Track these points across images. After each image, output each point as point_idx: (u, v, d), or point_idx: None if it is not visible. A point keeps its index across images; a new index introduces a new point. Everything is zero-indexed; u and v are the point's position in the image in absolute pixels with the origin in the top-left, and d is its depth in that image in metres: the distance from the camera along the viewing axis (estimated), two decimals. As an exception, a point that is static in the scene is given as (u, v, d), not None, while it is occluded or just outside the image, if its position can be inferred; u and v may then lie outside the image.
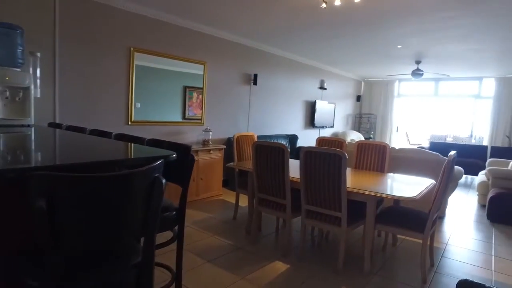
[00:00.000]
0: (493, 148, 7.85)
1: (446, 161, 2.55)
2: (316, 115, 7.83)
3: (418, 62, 6.96)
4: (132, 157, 1.61)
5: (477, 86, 8.83)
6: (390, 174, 3.38)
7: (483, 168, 7.03)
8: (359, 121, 10.36)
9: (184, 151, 1.74)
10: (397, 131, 10.16)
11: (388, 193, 2.49)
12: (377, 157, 3.53)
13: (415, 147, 9.96)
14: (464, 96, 9.23)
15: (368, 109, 10.36)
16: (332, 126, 8.66)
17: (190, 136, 5.00)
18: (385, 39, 5.28)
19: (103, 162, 1.27)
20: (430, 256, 2.91)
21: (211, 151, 4.80)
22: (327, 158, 2.52)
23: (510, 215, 4.30)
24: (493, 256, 3.29)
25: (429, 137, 10.41)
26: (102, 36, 3.86)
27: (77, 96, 3.71)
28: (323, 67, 8.19)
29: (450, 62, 6.85)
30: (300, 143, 7.03)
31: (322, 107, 8.06)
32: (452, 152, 2.62)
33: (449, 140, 10.08)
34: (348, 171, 3.44)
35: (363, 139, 9.45)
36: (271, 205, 3.08)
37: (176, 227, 1.82)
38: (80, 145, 1.85)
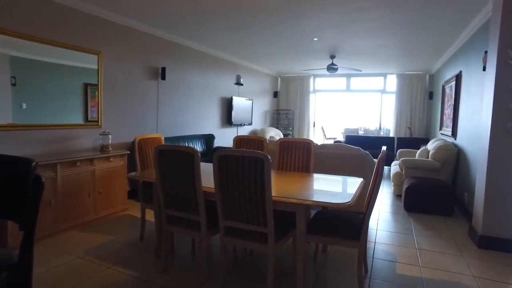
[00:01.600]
0: (399, 139, 8.36)
1: (379, 158, 2.29)
2: (234, 113, 7.40)
3: (332, 57, 7.00)
4: None
5: (382, 82, 9.38)
6: (317, 175, 3.07)
7: (393, 158, 7.40)
8: (277, 117, 10.27)
9: (23, 169, 1.08)
10: (314, 126, 10.32)
11: (321, 200, 2.12)
12: (302, 156, 3.20)
13: (332, 141, 10.25)
14: (372, 91, 9.75)
15: (285, 105, 10.32)
16: (250, 124, 8.34)
17: (87, 141, 4.12)
18: (301, 31, 5.06)
19: None
20: (364, 263, 2.65)
21: (111, 159, 3.99)
22: (247, 163, 2.04)
23: (424, 203, 4.40)
24: (417, 250, 3.22)
25: (343, 130, 10.81)
26: None
27: None
28: (239, 62, 7.81)
29: (362, 57, 7.03)
30: (217, 143, 6.52)
31: (240, 104, 7.68)
32: (384, 148, 2.37)
33: (361, 133, 10.59)
34: (272, 175, 3.05)
35: (282, 136, 9.35)
36: (182, 223, 2.50)
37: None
38: None
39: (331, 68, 6.95)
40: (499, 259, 3.07)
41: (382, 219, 4.19)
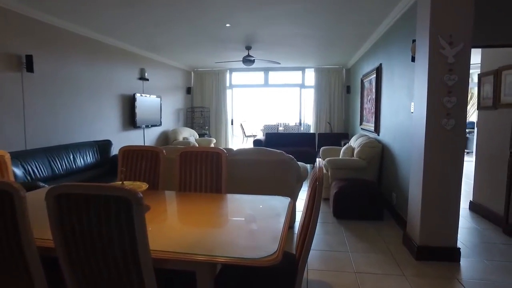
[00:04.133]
0: (319, 134, 8.13)
1: (313, 178, 1.61)
2: (138, 112, 6.29)
3: (248, 48, 6.34)
4: None
5: (301, 76, 9.08)
6: (231, 196, 2.31)
7: (315, 156, 7.08)
8: (192, 116, 9.33)
9: None
10: (232, 124, 9.63)
11: (233, 255, 1.34)
12: (210, 171, 2.41)
13: (252, 138, 9.69)
14: (291, 86, 9.41)
15: (200, 102, 9.43)
16: (159, 124, 7.29)
17: None
18: (210, 14, 4.26)
19: None
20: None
21: None
22: (103, 207, 1.18)
23: (354, 209, 3.99)
24: (356, 274, 2.69)
25: (263, 127, 10.35)
26: None
27: None
28: (143, 54, 6.69)
29: (280, 49, 6.50)
30: (116, 150, 5.39)
31: (145, 102, 6.58)
32: (318, 162, 1.70)
33: (280, 129, 10.24)
34: (170, 199, 2.20)
35: (197, 136, 8.47)
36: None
37: None
38: None
39: (247, 60, 6.28)
40: (439, 272, 2.70)
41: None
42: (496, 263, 2.90)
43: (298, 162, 3.92)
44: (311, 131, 8.94)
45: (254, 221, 1.80)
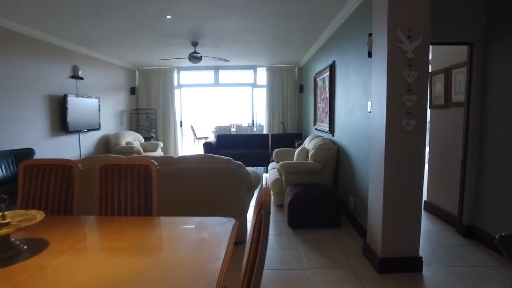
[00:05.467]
0: (273, 136, 7.85)
1: (259, 202, 1.23)
2: (70, 115, 5.54)
3: (195, 44, 5.86)
4: None
5: (252, 75, 8.75)
6: (165, 220, 1.86)
7: (269, 158, 6.79)
8: (137, 118, 8.62)
9: None
10: (181, 126, 9.06)
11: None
12: (138, 189, 1.94)
13: (204, 140, 9.20)
14: (242, 85, 9.06)
15: (146, 103, 8.74)
16: (98, 128, 6.55)
17: None
18: (148, 5, 3.75)
19: None
20: None
21: None
22: None
23: (311, 217, 3.70)
24: (314, 295, 2.38)
25: (214, 129, 9.91)
26: None
27: None
28: (76, 49, 5.93)
29: (229, 45, 6.09)
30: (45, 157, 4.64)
31: (79, 104, 5.83)
32: (264, 182, 1.33)
33: (233, 130, 9.86)
34: (86, 227, 1.71)
35: (143, 140, 7.80)
36: None
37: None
38: None
39: (194, 57, 5.81)
40: (403, 285, 2.49)
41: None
42: (456, 269, 2.75)
43: (249, 168, 3.55)
44: (264, 132, 8.64)
45: (192, 243, 1.38)
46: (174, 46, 6.09)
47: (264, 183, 1.28)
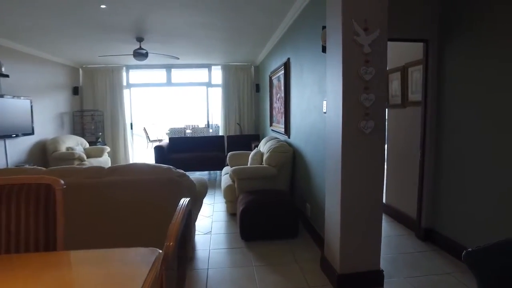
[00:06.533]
0: (229, 137, 7.50)
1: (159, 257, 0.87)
2: (-8, 119, 4.83)
3: (140, 39, 5.35)
4: None
5: (207, 74, 8.33)
6: (71, 258, 1.43)
7: (224, 161, 6.42)
8: (81, 121, 7.87)
9: None
10: (131, 128, 8.43)
11: None
12: (34, 217, 1.50)
13: (157, 143, 8.63)
14: (196, 84, 8.61)
15: (91, 104, 8.01)
16: (31, 133, 5.81)
17: None
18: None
19: None
20: None
21: None
22: None
23: (265, 227, 3.39)
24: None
25: (168, 131, 9.38)
26: None
27: None
28: (1, 43, 5.21)
29: (178, 41, 5.64)
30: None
31: (4, 105, 5.11)
32: (181, 206, 0.97)
33: (188, 132, 9.40)
34: None
35: (88, 145, 7.12)
36: None
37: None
38: None
39: (139, 54, 5.30)
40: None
41: (214, 262, 2.92)
42: (416, 280, 2.56)
43: (195, 176, 3.19)
44: (220, 133, 8.26)
45: None
46: (117, 42, 5.54)
47: (178, 213, 0.92)
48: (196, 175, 4.19)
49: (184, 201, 1.07)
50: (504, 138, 2.45)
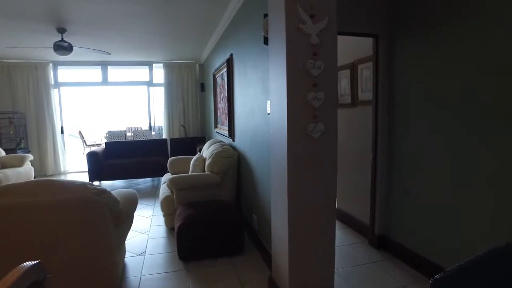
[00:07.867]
0: (172, 140, 6.96)
1: None
2: None
3: (62, 31, 4.64)
4: None
5: (148, 73, 7.68)
6: None
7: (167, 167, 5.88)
8: (-4, 124, 6.82)
9: None
10: (62, 132, 7.52)
11: None
12: None
13: (95, 148, 7.78)
14: (136, 84, 7.92)
15: (10, 105, 6.97)
16: None
17: None
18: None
19: None
20: None
21: None
22: None
23: (206, 245, 2.96)
24: None
25: (107, 134, 8.56)
26: None
27: None
28: None
29: (109, 35, 5.00)
30: None
31: None
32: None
33: (129, 135, 8.68)
34: None
35: (3, 153, 6.14)
36: None
37: None
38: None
39: (61, 47, 4.60)
40: None
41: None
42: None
43: (122, 190, 2.69)
44: (164, 136, 7.66)
45: None
46: (34, 32, 4.76)
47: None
48: (137, 184, 3.64)
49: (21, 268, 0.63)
50: (456, 138, 2.26)
